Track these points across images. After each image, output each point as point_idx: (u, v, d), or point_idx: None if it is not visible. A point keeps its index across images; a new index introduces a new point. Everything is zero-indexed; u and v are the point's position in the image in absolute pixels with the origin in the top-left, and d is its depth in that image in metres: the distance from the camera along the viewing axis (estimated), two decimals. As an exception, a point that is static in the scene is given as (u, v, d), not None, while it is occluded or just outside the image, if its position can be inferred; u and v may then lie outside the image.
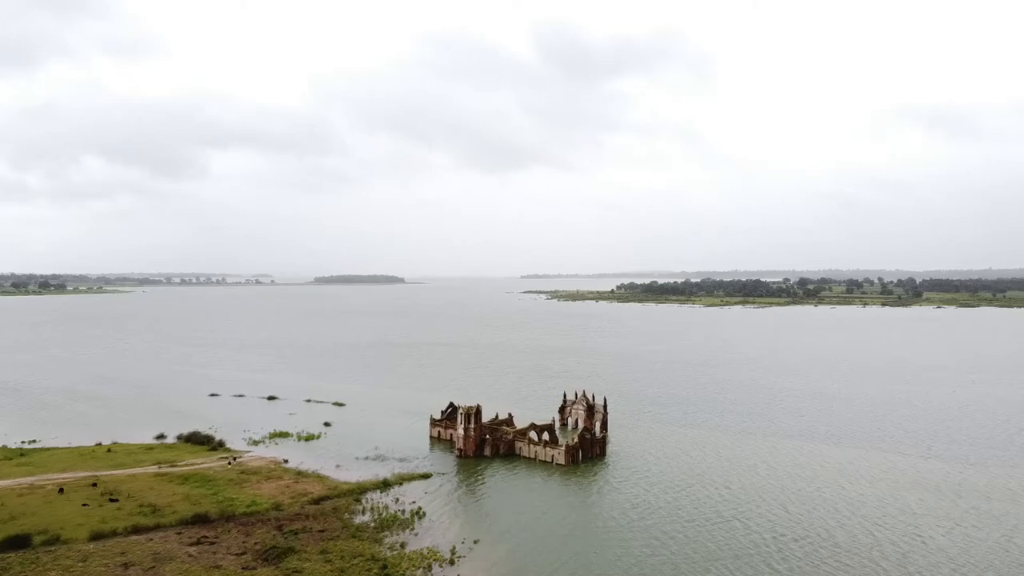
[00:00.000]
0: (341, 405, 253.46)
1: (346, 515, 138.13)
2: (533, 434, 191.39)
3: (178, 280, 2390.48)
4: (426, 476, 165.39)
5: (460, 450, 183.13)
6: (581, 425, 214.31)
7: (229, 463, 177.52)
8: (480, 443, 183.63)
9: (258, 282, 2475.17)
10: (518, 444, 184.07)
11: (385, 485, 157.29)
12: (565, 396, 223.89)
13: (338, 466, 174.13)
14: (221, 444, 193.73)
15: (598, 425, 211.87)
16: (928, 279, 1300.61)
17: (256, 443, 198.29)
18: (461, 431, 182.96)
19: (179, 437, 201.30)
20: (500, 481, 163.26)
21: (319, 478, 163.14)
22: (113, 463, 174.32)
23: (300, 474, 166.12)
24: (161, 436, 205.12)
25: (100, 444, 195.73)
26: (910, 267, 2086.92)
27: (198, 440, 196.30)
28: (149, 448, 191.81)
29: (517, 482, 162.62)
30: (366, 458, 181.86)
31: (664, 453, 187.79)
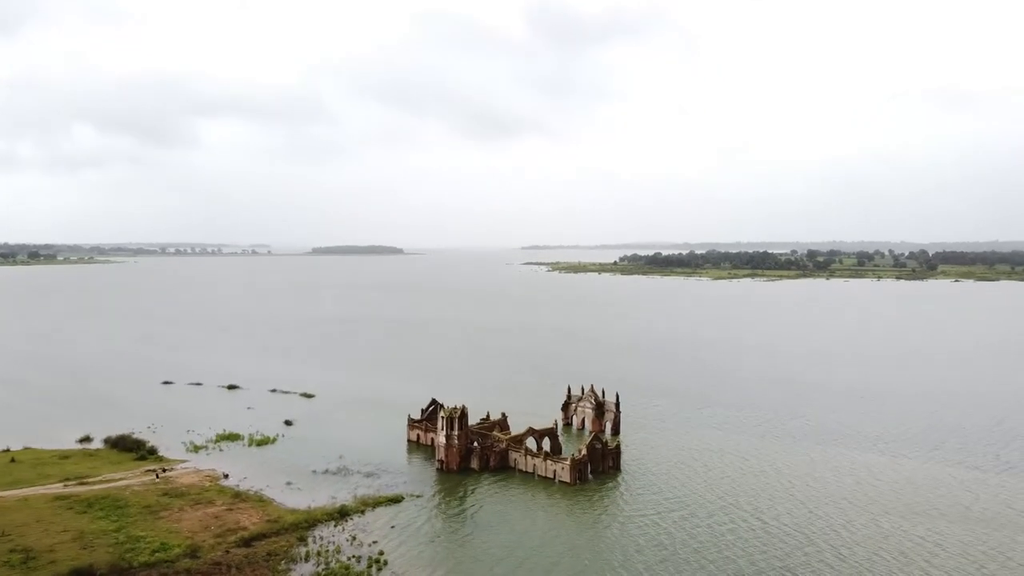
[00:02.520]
0: (309, 397, 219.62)
1: (283, 565, 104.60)
2: (531, 441, 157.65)
3: (173, 250, 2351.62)
4: (396, 500, 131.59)
5: (441, 462, 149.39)
6: (588, 426, 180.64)
7: (156, 476, 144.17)
8: (466, 454, 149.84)
9: (254, 252, 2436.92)
10: (513, 455, 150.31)
11: (341, 515, 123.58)
12: (569, 391, 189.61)
13: (289, 483, 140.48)
14: (152, 452, 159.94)
15: (609, 427, 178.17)
16: (940, 252, 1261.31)
17: (197, 449, 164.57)
18: (443, 439, 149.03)
19: (106, 441, 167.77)
20: (489, 507, 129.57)
21: (260, 503, 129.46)
22: (10, 479, 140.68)
23: (238, 496, 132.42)
24: (86, 439, 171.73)
25: (8, 450, 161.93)
26: (914, 239, 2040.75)
27: (126, 446, 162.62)
28: (64, 456, 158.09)
29: (511, 507, 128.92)
30: (325, 472, 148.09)
31: (684, 464, 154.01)
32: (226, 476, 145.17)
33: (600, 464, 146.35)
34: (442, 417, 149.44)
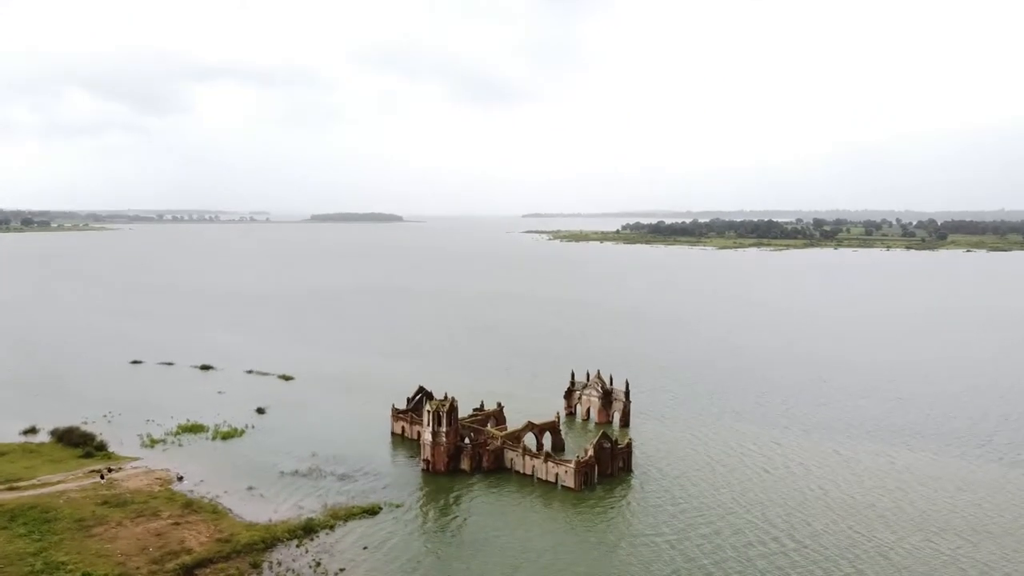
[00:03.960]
0: (288, 379, 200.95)
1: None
2: (530, 437, 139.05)
3: (170, 218, 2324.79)
4: (372, 512, 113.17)
5: (427, 462, 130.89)
6: (594, 416, 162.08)
7: (101, 478, 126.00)
8: (455, 453, 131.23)
9: (252, 219, 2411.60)
10: (509, 454, 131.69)
11: (306, 531, 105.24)
12: (573, 377, 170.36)
13: (251, 489, 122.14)
14: (101, 448, 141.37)
15: (617, 418, 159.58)
16: (949, 221, 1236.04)
17: (154, 443, 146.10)
18: (428, 437, 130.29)
19: (52, 433, 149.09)
20: (480, 520, 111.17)
21: (214, 515, 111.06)
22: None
23: (189, 506, 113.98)
24: (31, 431, 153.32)
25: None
26: (919, 208, 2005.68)
27: (72, 440, 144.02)
28: (1, 453, 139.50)
29: (505, 522, 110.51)
30: (295, 473, 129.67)
31: (702, 464, 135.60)
32: (180, 479, 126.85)
33: (609, 466, 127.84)
34: (428, 412, 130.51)
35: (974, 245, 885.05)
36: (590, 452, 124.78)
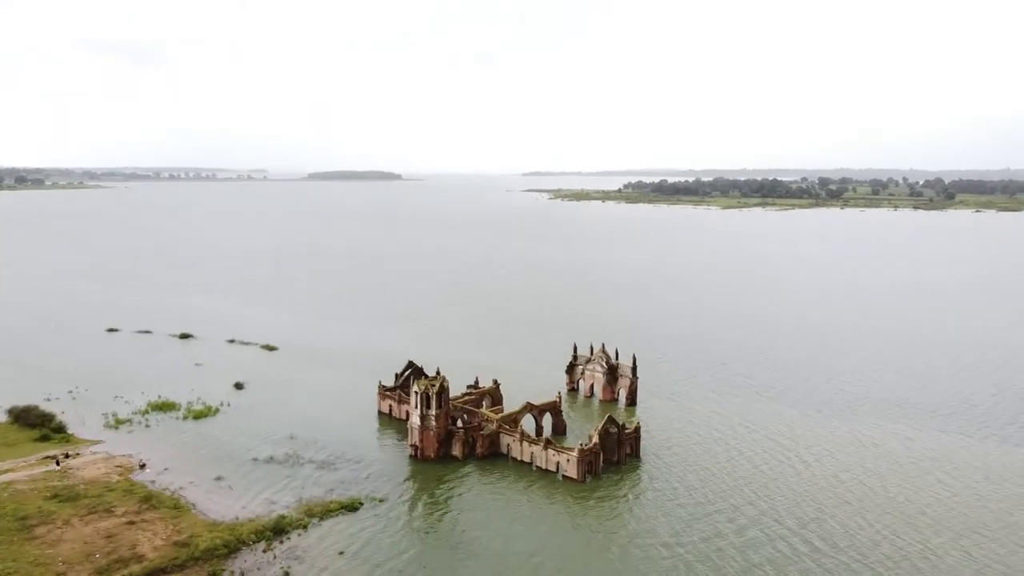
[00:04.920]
0: (271, 350, 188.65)
1: (177, 624, 74.81)
2: (529, 419, 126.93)
3: (167, 175, 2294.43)
4: (352, 507, 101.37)
5: (415, 448, 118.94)
6: (599, 393, 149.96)
7: (57, 464, 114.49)
8: (446, 438, 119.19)
9: (250, 178, 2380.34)
10: (506, 439, 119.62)
11: (276, 532, 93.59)
12: (575, 351, 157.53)
13: (219, 479, 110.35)
14: (60, 430, 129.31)
15: (623, 395, 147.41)
16: (957, 181, 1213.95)
17: (119, 424, 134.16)
18: (416, 420, 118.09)
19: (9, 412, 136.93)
20: (472, 518, 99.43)
21: (175, 511, 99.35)
22: None
23: (148, 500, 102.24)
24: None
25: None
26: (924, 167, 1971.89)
27: (30, 420, 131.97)
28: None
29: (500, 519, 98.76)
30: (269, 460, 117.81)
31: (711, 449, 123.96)
32: (143, 466, 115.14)
33: (615, 453, 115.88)
34: (417, 393, 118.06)
35: (983, 205, 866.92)
36: (595, 439, 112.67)
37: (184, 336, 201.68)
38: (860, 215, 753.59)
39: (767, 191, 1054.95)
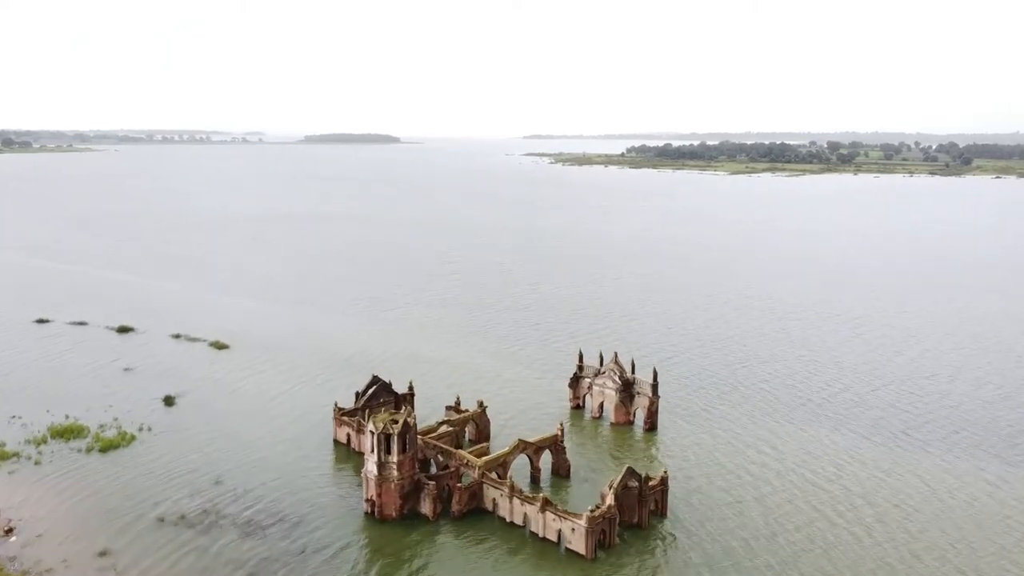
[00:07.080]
0: (221, 348, 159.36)
1: None
2: (521, 457, 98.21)
3: (160, 138, 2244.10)
4: (273, 607, 73.09)
5: (371, 504, 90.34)
6: (610, 414, 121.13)
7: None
8: (412, 490, 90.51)
9: (245, 140, 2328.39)
10: (491, 492, 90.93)
11: (157, 657, 65.25)
12: (581, 359, 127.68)
13: (103, 553, 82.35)
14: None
15: (641, 417, 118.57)
16: (972, 145, 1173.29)
17: (3, 459, 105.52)
18: (373, 468, 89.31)
19: None
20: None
21: (25, 615, 71.03)
22: None
23: (-5, 594, 73.99)
24: None
25: None
26: (934, 131, 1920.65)
27: None
28: None
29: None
30: (180, 519, 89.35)
31: (767, 502, 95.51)
32: (9, 531, 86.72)
33: (636, 511, 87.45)
34: (372, 433, 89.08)
35: (1001, 171, 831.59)
36: (608, 500, 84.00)
37: (123, 330, 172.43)
38: (875, 181, 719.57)
39: (775, 156, 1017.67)
